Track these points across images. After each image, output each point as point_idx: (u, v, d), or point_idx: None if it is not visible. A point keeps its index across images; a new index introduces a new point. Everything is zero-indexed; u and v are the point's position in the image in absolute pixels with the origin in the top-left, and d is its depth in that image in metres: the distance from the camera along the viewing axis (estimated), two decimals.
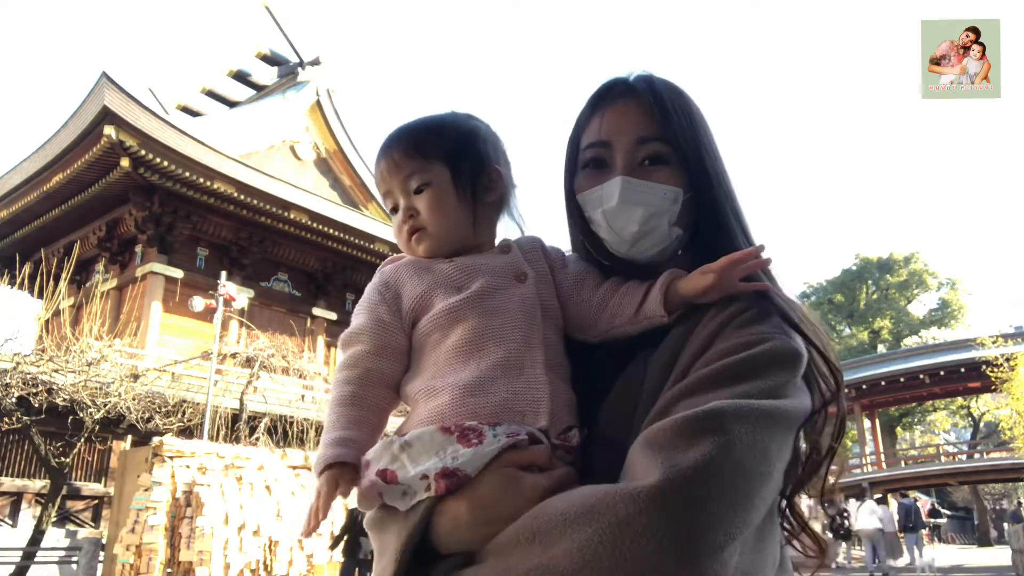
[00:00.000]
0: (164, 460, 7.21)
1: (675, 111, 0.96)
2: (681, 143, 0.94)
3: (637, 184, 0.93)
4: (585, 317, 0.95)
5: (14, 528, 12.25)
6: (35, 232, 17.62)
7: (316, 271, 19.43)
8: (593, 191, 0.96)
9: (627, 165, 0.94)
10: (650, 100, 0.96)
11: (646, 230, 0.93)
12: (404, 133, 0.99)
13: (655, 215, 0.93)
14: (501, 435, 0.81)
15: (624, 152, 0.95)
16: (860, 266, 43.13)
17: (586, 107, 1.01)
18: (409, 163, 0.95)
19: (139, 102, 14.31)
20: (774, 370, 0.78)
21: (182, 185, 15.46)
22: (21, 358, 10.53)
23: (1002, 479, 27.47)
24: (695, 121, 0.98)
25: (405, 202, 0.96)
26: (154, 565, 6.71)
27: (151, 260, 16.43)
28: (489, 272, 0.93)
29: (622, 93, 0.98)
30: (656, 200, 0.93)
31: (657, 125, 0.95)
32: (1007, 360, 18.02)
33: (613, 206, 0.93)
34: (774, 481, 0.73)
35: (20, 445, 12.64)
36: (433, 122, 1.00)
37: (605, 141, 0.96)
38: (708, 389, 0.76)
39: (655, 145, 0.95)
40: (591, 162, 0.98)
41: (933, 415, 39.02)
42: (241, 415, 12.78)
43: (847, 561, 20.53)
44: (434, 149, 0.96)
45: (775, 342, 0.80)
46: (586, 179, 0.98)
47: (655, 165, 0.95)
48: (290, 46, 21.73)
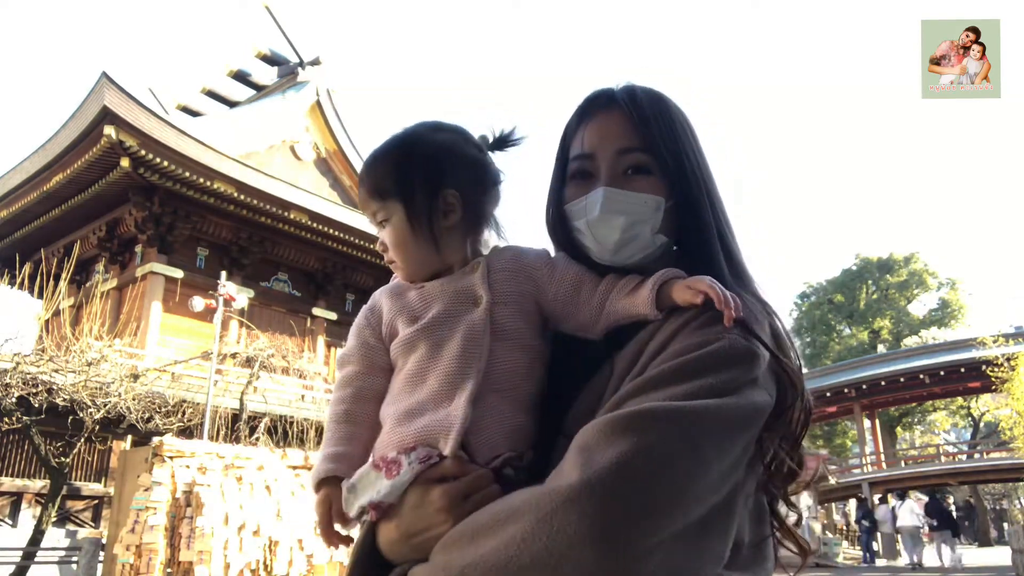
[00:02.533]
0: (164, 460, 7.21)
1: (655, 120, 0.98)
2: (662, 151, 0.97)
3: (618, 194, 0.96)
4: (588, 318, 0.96)
5: (14, 528, 12.25)
6: (35, 232, 17.62)
7: (316, 271, 19.43)
8: (577, 202, 0.99)
9: (610, 176, 0.97)
10: (631, 111, 0.98)
11: (627, 238, 0.96)
12: (367, 169, 1.03)
13: (637, 223, 0.95)
14: (415, 460, 0.87)
15: (607, 163, 0.98)
16: (860, 266, 43.10)
17: (572, 119, 1.04)
18: (370, 202, 1.00)
19: (139, 102, 14.31)
20: (724, 368, 0.78)
21: (182, 185, 15.46)
22: (21, 358, 10.52)
23: (1002, 479, 27.48)
24: (676, 129, 1.00)
25: (379, 235, 1.01)
26: (154, 565, 6.71)
27: (151, 260, 16.43)
28: (446, 298, 0.95)
29: (605, 105, 1.01)
30: (637, 209, 0.95)
31: (638, 135, 0.97)
32: (1007, 360, 18.02)
33: (595, 216, 0.95)
34: (712, 479, 0.73)
35: (20, 445, 12.64)
36: (391, 152, 1.02)
37: (589, 153, 0.99)
38: (652, 389, 0.78)
39: (636, 155, 0.97)
40: (577, 174, 1.01)
41: (933, 415, 39.01)
42: (241, 415, 12.77)
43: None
44: (388, 186, 0.99)
45: (728, 341, 0.81)
46: (572, 191, 1.01)
47: (637, 175, 0.97)
48: (290, 46, 21.73)
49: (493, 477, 0.85)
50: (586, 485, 0.68)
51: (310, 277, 19.53)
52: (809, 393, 0.89)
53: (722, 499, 0.75)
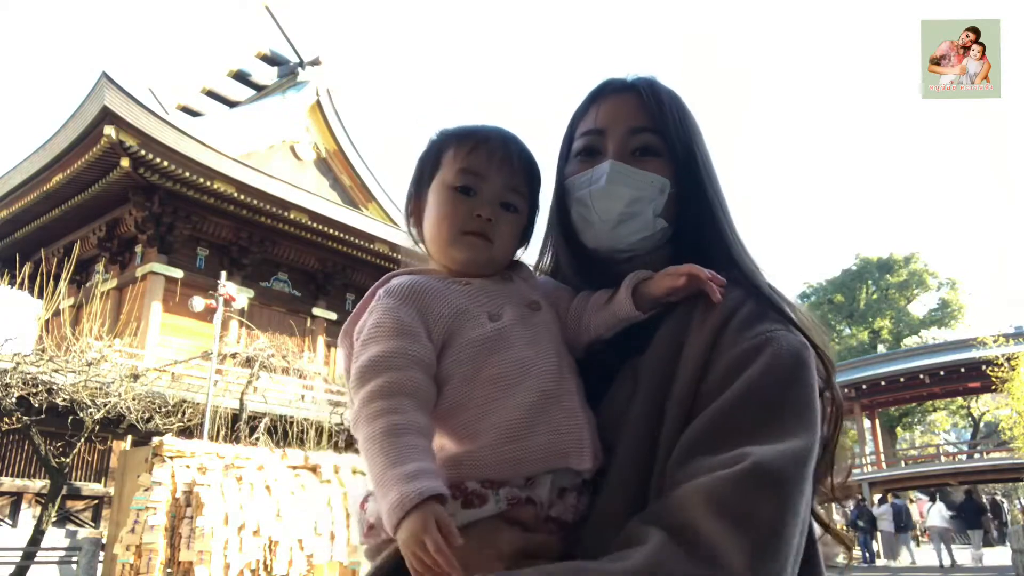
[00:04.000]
0: (164, 460, 7.20)
1: (670, 108, 0.98)
2: (673, 137, 0.96)
3: (626, 169, 0.95)
4: (569, 335, 0.94)
5: (14, 528, 12.25)
6: (35, 232, 17.62)
7: (316, 271, 19.43)
8: (582, 174, 0.98)
9: (618, 152, 0.96)
10: (647, 94, 0.98)
11: (629, 213, 0.94)
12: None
13: (640, 201, 0.95)
14: (503, 499, 0.79)
15: (617, 140, 0.97)
16: (860, 266, 43.15)
17: (584, 101, 1.04)
18: (518, 179, 0.95)
19: (139, 102, 14.31)
20: (795, 382, 0.77)
21: (182, 185, 15.46)
22: (21, 358, 10.52)
23: (1002, 479, 27.47)
24: (689, 122, 1.00)
25: (490, 203, 0.92)
26: (154, 565, 6.71)
27: (151, 260, 16.43)
28: (510, 299, 0.91)
29: (620, 88, 1.01)
30: (643, 187, 0.95)
31: (651, 117, 0.97)
32: (1007, 360, 18.02)
33: (601, 187, 0.94)
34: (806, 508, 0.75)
35: (20, 445, 12.65)
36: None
37: (599, 129, 0.99)
38: (746, 428, 0.74)
39: (647, 136, 0.97)
40: (583, 150, 1.00)
41: (933, 415, 39.02)
42: (241, 415, 12.78)
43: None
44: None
45: (779, 344, 0.79)
46: (576, 166, 1.00)
47: (646, 156, 0.96)
48: (290, 46, 21.74)
49: (558, 546, 0.80)
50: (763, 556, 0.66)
51: (310, 277, 19.53)
52: (837, 389, 0.88)
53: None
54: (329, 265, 19.35)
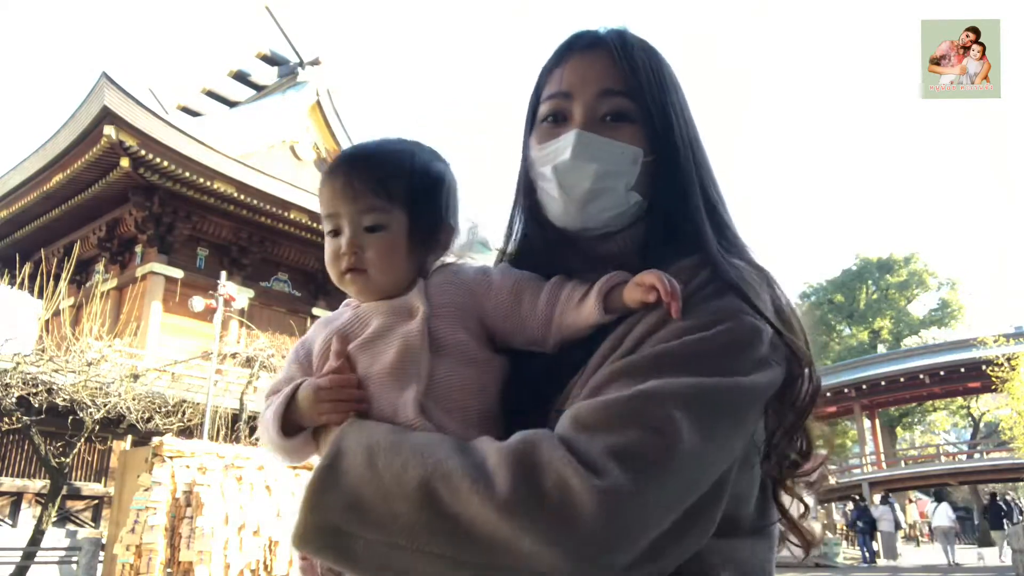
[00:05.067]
0: (164, 460, 7.20)
1: (645, 66, 0.88)
2: (648, 101, 0.87)
3: (594, 139, 0.85)
4: (537, 332, 0.88)
5: (14, 528, 12.25)
6: (35, 232, 17.62)
7: (316, 271, 19.43)
8: (546, 146, 0.89)
9: (586, 119, 0.87)
10: (618, 52, 0.88)
11: (598, 190, 0.85)
12: (370, 160, 0.91)
13: (610, 174, 0.86)
14: None
15: (584, 104, 0.87)
16: (860, 266, 43.14)
17: (551, 59, 0.93)
18: (369, 197, 0.88)
19: (139, 102, 14.31)
20: (730, 350, 0.74)
21: (182, 185, 15.46)
22: (21, 358, 10.52)
23: (1002, 479, 27.46)
24: (666, 81, 0.90)
25: (351, 235, 0.89)
26: (154, 565, 6.71)
27: (151, 260, 16.43)
28: (382, 313, 0.88)
29: (590, 44, 0.91)
30: (613, 158, 0.86)
31: (623, 79, 0.87)
32: (1007, 360, 18.01)
33: (566, 160, 0.85)
34: (715, 468, 0.71)
35: (20, 445, 12.65)
36: (401, 158, 0.92)
37: (565, 92, 0.89)
38: (652, 370, 0.72)
39: (619, 100, 0.87)
40: (549, 115, 0.90)
41: (933, 415, 39.02)
42: (241, 415, 12.77)
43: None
44: (399, 191, 0.89)
45: (732, 322, 0.75)
46: (541, 134, 0.91)
47: (617, 122, 0.87)
48: (290, 46, 21.74)
49: None
50: (598, 492, 0.63)
51: (310, 277, 19.53)
52: (813, 364, 0.83)
53: (712, 485, 0.71)
54: None
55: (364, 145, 0.94)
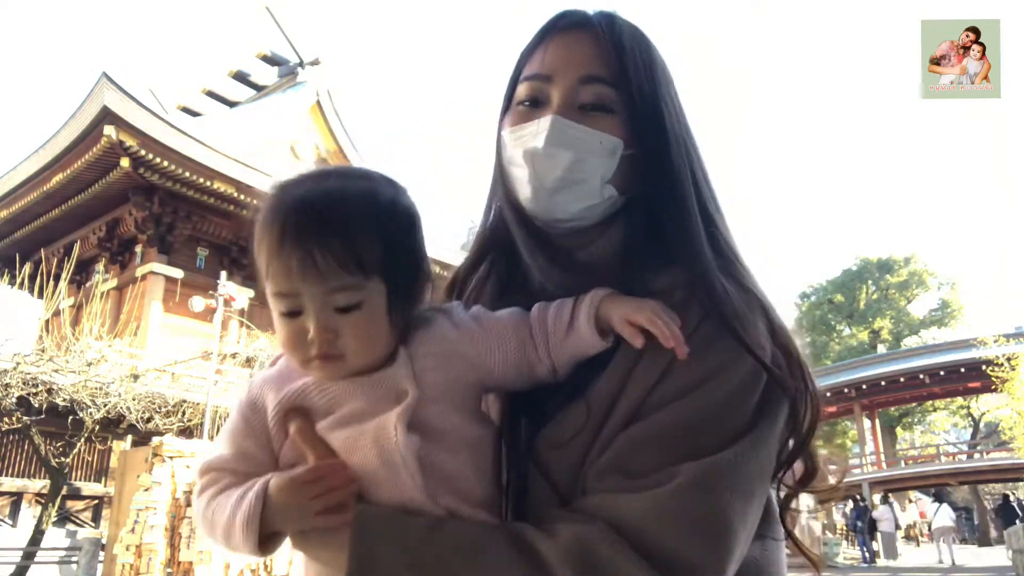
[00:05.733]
0: (164, 460, 7.20)
1: (633, 54, 0.82)
2: (634, 91, 0.81)
3: (570, 126, 0.80)
4: (543, 374, 0.81)
5: (14, 528, 12.26)
6: (35, 232, 17.62)
7: None
8: (519, 128, 0.84)
9: (565, 105, 0.81)
10: (605, 36, 0.83)
11: (571, 179, 0.80)
12: (333, 223, 0.72)
13: (585, 164, 0.80)
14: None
15: (564, 89, 0.82)
16: (860, 266, 43.15)
17: (534, 37, 0.88)
18: (340, 274, 0.71)
19: (139, 102, 14.31)
20: (745, 400, 0.73)
21: (182, 185, 15.46)
22: (21, 358, 10.53)
23: (1002, 479, 27.46)
24: (656, 71, 0.84)
25: (321, 319, 0.72)
26: (154, 565, 6.71)
27: (151, 260, 16.44)
28: (360, 395, 0.74)
29: (575, 24, 0.85)
30: (590, 148, 0.80)
31: (608, 66, 0.82)
32: (1007, 360, 18.01)
33: (538, 147, 0.80)
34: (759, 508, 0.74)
35: (20, 445, 12.65)
36: (368, 207, 0.74)
37: (545, 75, 0.83)
38: (683, 444, 0.70)
39: (601, 88, 0.82)
40: (527, 98, 0.85)
41: (933, 415, 39.04)
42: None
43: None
44: (374, 258, 0.72)
45: (738, 367, 0.74)
46: (517, 116, 0.85)
47: (597, 112, 0.82)
48: (290, 46, 21.75)
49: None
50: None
51: None
52: (815, 387, 0.81)
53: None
54: None
55: (314, 196, 0.74)
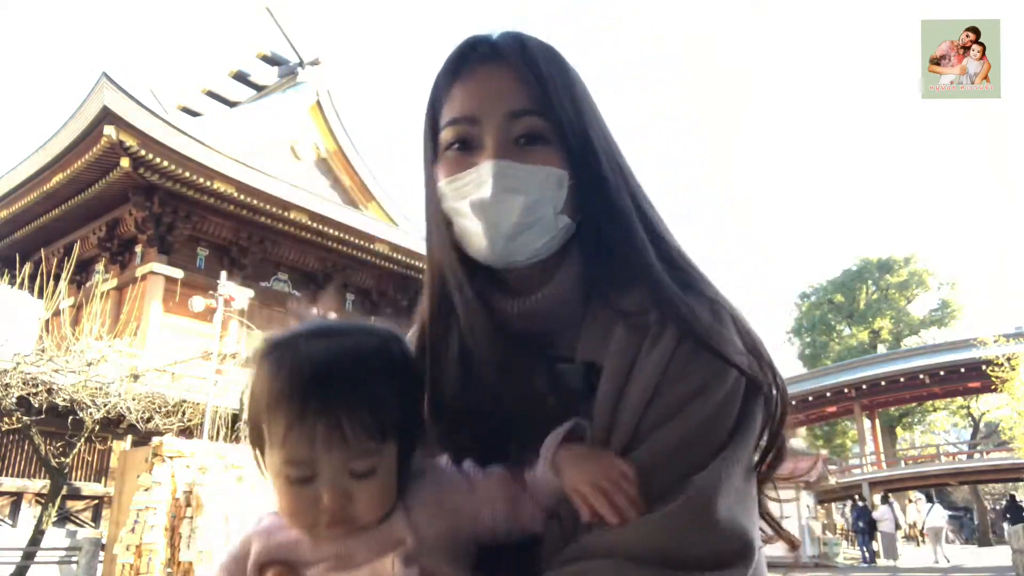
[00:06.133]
0: (164, 460, 7.21)
1: (552, 78, 0.81)
2: (561, 117, 0.80)
3: (513, 168, 0.78)
4: (531, 526, 0.78)
5: (14, 528, 12.26)
6: (35, 232, 17.62)
7: (316, 271, 19.44)
8: (457, 178, 0.81)
9: (499, 145, 0.79)
10: (521, 64, 0.81)
11: (528, 222, 0.78)
12: (361, 392, 0.72)
13: (538, 203, 0.79)
14: None
15: (495, 129, 0.80)
16: (860, 266, 43.15)
17: (443, 75, 0.85)
18: (363, 441, 0.71)
19: (139, 102, 14.31)
20: (724, 415, 0.74)
21: (182, 185, 15.46)
22: (21, 358, 10.52)
23: (1002, 479, 27.51)
24: (576, 90, 0.83)
25: (337, 486, 0.71)
26: (154, 565, 6.71)
27: (151, 260, 16.43)
28: (357, 546, 0.73)
29: (487, 57, 0.83)
30: (538, 185, 0.79)
31: (532, 95, 0.80)
32: (1007, 360, 18.02)
33: (487, 197, 0.77)
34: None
35: (20, 445, 12.65)
36: (388, 375, 0.75)
37: (469, 116, 0.81)
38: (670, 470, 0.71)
39: (531, 120, 0.80)
40: (456, 143, 0.82)
41: (933, 415, 39.06)
42: (241, 415, 12.77)
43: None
44: (394, 422, 0.73)
45: (713, 387, 0.74)
46: (450, 164, 0.82)
47: (533, 144, 0.80)
48: (290, 46, 21.75)
49: None
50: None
51: (310, 277, 19.53)
52: (783, 382, 0.81)
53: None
54: (329, 265, 19.35)
55: (333, 360, 0.74)
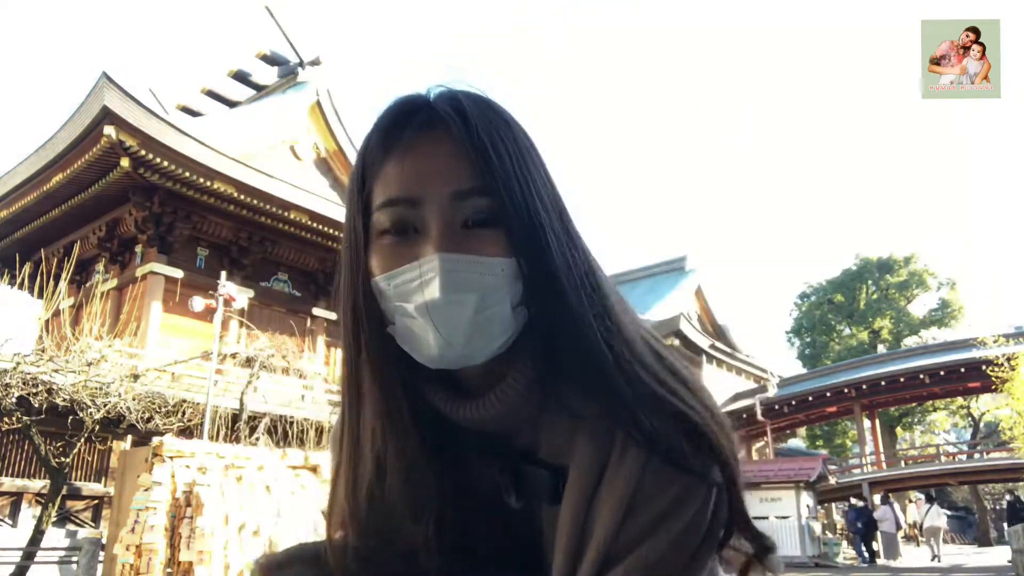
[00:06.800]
0: (164, 460, 7.20)
1: (500, 149, 0.69)
2: (512, 196, 0.68)
3: (464, 262, 0.67)
4: None
5: (14, 528, 12.26)
6: (35, 232, 17.63)
7: (316, 271, 19.44)
8: (398, 274, 0.69)
9: (444, 233, 0.67)
10: (465, 136, 0.69)
11: (483, 322, 0.67)
12: None
13: (495, 300, 0.67)
14: None
15: (438, 213, 0.68)
16: (860, 266, 43.19)
17: (375, 144, 0.72)
18: None
19: (139, 102, 14.31)
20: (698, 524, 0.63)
21: (182, 185, 15.46)
22: (21, 358, 10.52)
23: (1002, 479, 27.47)
24: (526, 158, 0.71)
25: None
26: (154, 565, 6.71)
27: (151, 260, 16.44)
28: None
29: (425, 126, 0.70)
30: (493, 278, 0.67)
31: (478, 172, 0.68)
32: (1007, 360, 18.02)
33: (436, 297, 0.66)
34: None
35: (20, 445, 12.65)
36: None
37: (408, 198, 0.69)
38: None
39: (478, 200, 0.68)
40: (394, 228, 0.69)
41: (933, 415, 39.07)
42: (241, 415, 12.78)
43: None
44: None
45: (686, 503, 0.64)
46: (387, 255, 0.70)
47: (481, 228, 0.68)
48: (290, 46, 21.73)
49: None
50: None
51: (310, 277, 19.54)
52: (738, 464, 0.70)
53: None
54: (329, 265, 19.34)
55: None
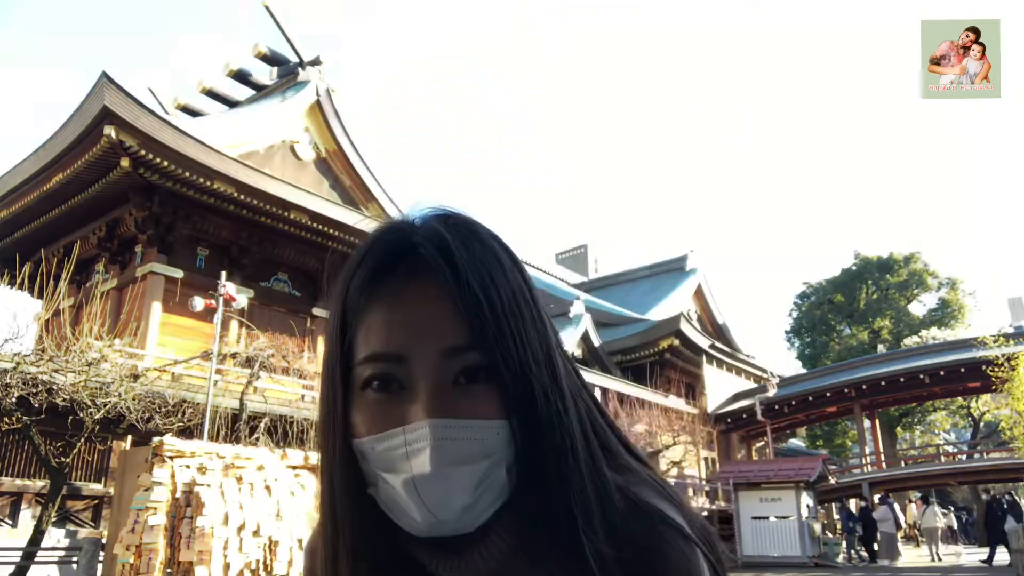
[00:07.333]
0: (164, 460, 7.20)
1: (491, 297, 0.62)
2: (506, 351, 0.62)
3: (457, 428, 0.60)
4: None
5: (14, 528, 12.26)
6: (35, 232, 17.63)
7: (316, 271, 19.44)
8: (383, 439, 0.62)
9: (436, 393, 0.61)
10: (454, 285, 0.62)
11: (479, 494, 0.61)
12: None
13: (489, 468, 0.61)
14: None
15: (429, 371, 0.61)
16: (860, 266, 43.18)
17: (355, 289, 0.65)
18: None
19: (139, 102, 14.31)
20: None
21: (182, 185, 15.47)
22: (21, 358, 10.51)
23: (1002, 479, 27.46)
24: (518, 302, 0.64)
25: None
26: (154, 565, 6.71)
27: (151, 260, 16.44)
28: None
29: (411, 272, 0.64)
30: (488, 446, 0.61)
31: (469, 323, 0.61)
32: (1007, 360, 18.02)
33: (426, 471, 0.59)
34: None
35: (20, 445, 12.65)
36: None
37: (395, 354, 0.62)
38: None
39: (470, 356, 0.62)
40: (378, 383, 0.63)
41: (933, 415, 39.06)
42: (241, 415, 12.78)
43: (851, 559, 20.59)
44: None
45: None
46: (371, 412, 0.63)
47: (474, 384, 0.62)
48: (290, 46, 21.73)
49: None
50: None
51: (310, 277, 19.54)
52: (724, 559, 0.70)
53: None
54: (329, 265, 19.36)
55: None
